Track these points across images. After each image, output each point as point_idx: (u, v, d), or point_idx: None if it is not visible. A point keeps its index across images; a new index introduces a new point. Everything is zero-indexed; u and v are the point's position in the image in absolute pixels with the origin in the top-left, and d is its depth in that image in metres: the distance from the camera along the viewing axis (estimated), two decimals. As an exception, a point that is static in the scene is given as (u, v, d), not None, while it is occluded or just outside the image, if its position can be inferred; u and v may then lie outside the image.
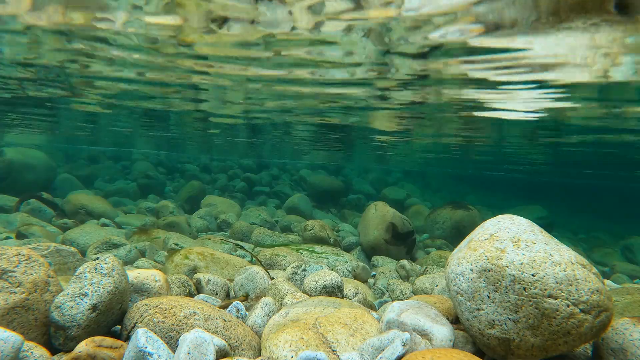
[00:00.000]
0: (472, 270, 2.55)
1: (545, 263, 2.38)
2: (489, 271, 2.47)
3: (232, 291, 4.23)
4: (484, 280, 2.48)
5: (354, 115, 9.05)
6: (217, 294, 4.01)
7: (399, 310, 2.75)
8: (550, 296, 2.30)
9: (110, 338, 2.45)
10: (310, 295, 3.78)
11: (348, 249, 7.94)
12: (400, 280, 5.65)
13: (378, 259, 7.00)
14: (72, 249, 4.76)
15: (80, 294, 2.63)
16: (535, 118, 7.35)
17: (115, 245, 5.96)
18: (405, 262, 6.18)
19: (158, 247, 6.68)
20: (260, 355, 2.81)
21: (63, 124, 13.89)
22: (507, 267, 2.42)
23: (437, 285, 4.55)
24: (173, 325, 2.65)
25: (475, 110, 7.27)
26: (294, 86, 6.52)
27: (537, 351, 2.36)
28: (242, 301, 3.88)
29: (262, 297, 3.74)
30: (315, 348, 2.56)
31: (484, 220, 2.92)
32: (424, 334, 2.61)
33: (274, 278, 4.32)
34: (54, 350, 2.59)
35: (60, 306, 2.59)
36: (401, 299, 4.27)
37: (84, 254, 5.99)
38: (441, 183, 30.42)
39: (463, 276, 2.59)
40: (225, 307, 3.51)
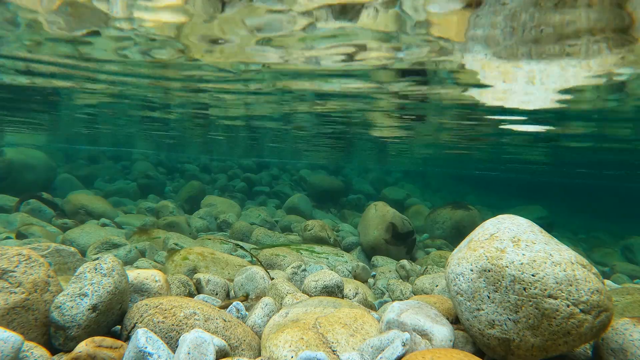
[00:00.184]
0: (472, 271, 2.55)
1: (545, 263, 2.38)
2: (489, 271, 2.47)
3: (232, 291, 4.24)
4: (484, 281, 2.48)
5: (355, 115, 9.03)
6: (217, 294, 4.01)
7: (399, 311, 2.75)
8: (550, 296, 2.30)
9: (110, 338, 2.45)
10: (310, 296, 3.78)
11: (348, 249, 7.94)
12: (400, 280, 5.65)
13: (378, 259, 7.00)
14: (72, 249, 4.76)
15: (80, 294, 2.63)
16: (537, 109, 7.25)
17: (115, 245, 5.97)
18: (405, 262, 6.18)
19: (158, 247, 6.68)
20: (260, 355, 2.82)
21: (63, 122, 13.86)
22: (507, 267, 2.42)
23: (437, 285, 4.55)
24: (173, 325, 2.65)
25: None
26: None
27: (537, 351, 2.36)
28: (242, 301, 3.88)
29: (262, 297, 3.74)
30: (315, 348, 2.56)
31: (484, 221, 2.92)
32: (424, 334, 2.62)
33: (274, 278, 4.32)
34: (54, 351, 2.59)
35: (60, 306, 2.59)
36: (401, 299, 4.27)
37: (84, 254, 5.99)
38: (441, 183, 30.42)
39: (463, 276, 2.59)
40: (225, 307, 3.51)
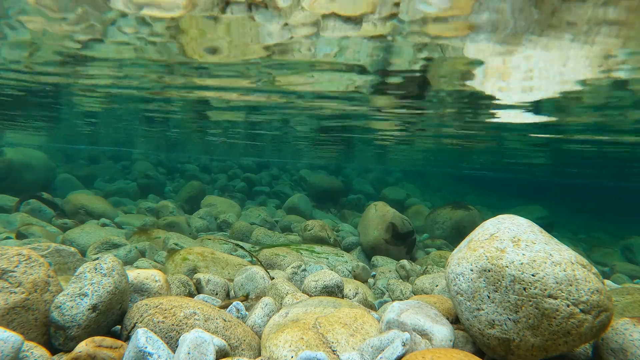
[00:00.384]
0: (472, 270, 2.55)
1: (545, 263, 2.38)
2: (489, 271, 2.47)
3: (232, 291, 4.24)
4: (484, 280, 2.48)
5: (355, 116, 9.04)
6: (217, 294, 4.01)
7: (399, 310, 2.75)
8: (550, 296, 2.30)
9: (110, 338, 2.45)
10: (310, 295, 3.78)
11: (348, 249, 7.94)
12: (400, 280, 5.65)
13: (378, 259, 7.00)
14: (72, 249, 4.76)
15: (80, 294, 2.63)
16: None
17: (115, 245, 5.97)
18: (405, 262, 6.18)
19: (158, 247, 6.68)
20: (260, 355, 2.82)
21: (63, 122, 13.88)
22: (507, 267, 2.42)
23: (437, 285, 4.55)
24: (173, 325, 2.65)
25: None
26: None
27: (537, 351, 2.36)
28: (242, 301, 3.88)
29: (262, 297, 3.74)
30: (315, 348, 2.56)
31: (484, 220, 2.92)
32: (424, 334, 2.62)
33: (274, 278, 4.32)
34: (54, 350, 2.59)
35: (60, 306, 2.59)
36: (401, 299, 4.27)
37: (84, 254, 5.99)
38: (441, 183, 30.42)
39: (463, 276, 2.59)
40: (225, 307, 3.51)
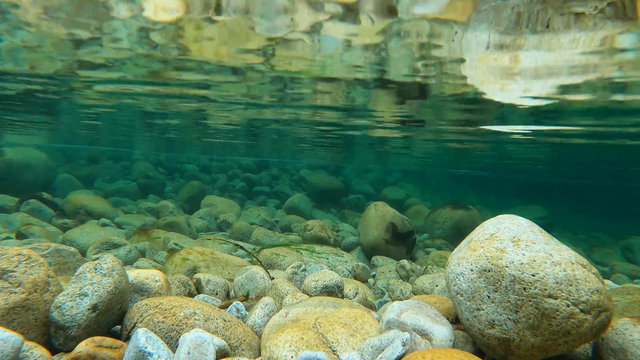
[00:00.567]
0: (472, 270, 2.55)
1: (545, 263, 2.38)
2: (489, 271, 2.47)
3: (232, 291, 4.23)
4: (484, 280, 2.48)
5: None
6: (217, 294, 4.01)
7: (399, 310, 2.75)
8: (550, 296, 2.30)
9: (110, 338, 2.45)
10: (310, 295, 3.78)
11: (348, 249, 7.94)
12: (400, 280, 5.65)
13: (378, 259, 7.00)
14: (72, 249, 4.76)
15: (80, 294, 2.63)
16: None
17: (115, 245, 5.96)
18: (405, 262, 6.18)
19: (158, 247, 6.68)
20: (260, 355, 2.81)
21: (64, 122, 13.90)
22: (507, 267, 2.42)
23: (437, 285, 4.55)
24: (173, 325, 2.65)
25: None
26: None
27: (537, 351, 2.36)
28: (242, 301, 3.88)
29: (262, 297, 3.74)
30: (315, 348, 2.56)
31: (484, 220, 2.92)
32: (424, 334, 2.61)
33: (274, 278, 4.32)
34: (54, 350, 2.59)
35: (60, 306, 2.59)
36: (401, 299, 4.27)
37: (84, 254, 5.99)
38: (441, 183, 30.41)
39: (463, 276, 2.59)
40: (225, 307, 3.51)
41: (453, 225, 9.74)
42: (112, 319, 2.79)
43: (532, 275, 2.35)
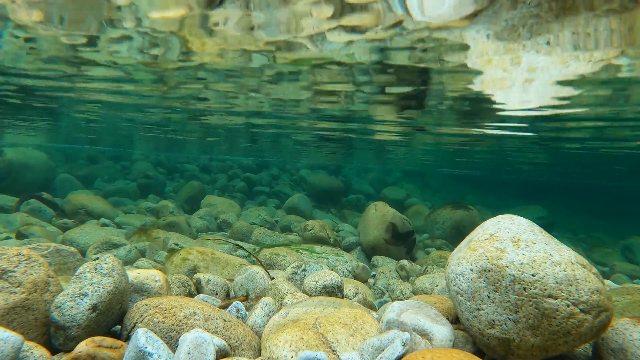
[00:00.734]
0: (472, 270, 2.55)
1: (545, 263, 2.38)
2: (489, 271, 2.47)
3: (232, 291, 4.23)
4: (484, 280, 2.48)
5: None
6: (217, 294, 4.01)
7: (399, 310, 2.75)
8: (550, 296, 2.30)
9: (110, 338, 2.45)
10: (310, 296, 3.78)
11: (348, 249, 7.94)
12: (400, 280, 5.65)
13: (378, 259, 7.00)
14: (72, 249, 4.76)
15: (80, 294, 2.63)
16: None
17: (115, 245, 5.96)
18: (405, 262, 6.18)
19: (158, 247, 6.68)
20: (260, 355, 2.82)
21: (64, 123, 13.91)
22: (507, 267, 2.42)
23: (437, 285, 4.55)
24: (173, 325, 2.65)
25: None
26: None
27: (537, 351, 2.36)
28: (242, 301, 3.88)
29: (262, 297, 3.74)
30: (315, 348, 2.56)
31: (484, 220, 2.92)
32: (424, 334, 2.61)
33: (274, 278, 4.32)
34: (54, 350, 2.59)
35: (60, 306, 2.59)
36: (401, 299, 4.27)
37: (84, 254, 5.99)
38: (441, 183, 30.41)
39: (463, 276, 2.59)
40: (225, 307, 3.51)
41: (453, 225, 9.74)
42: (112, 319, 2.79)
43: (532, 275, 2.35)
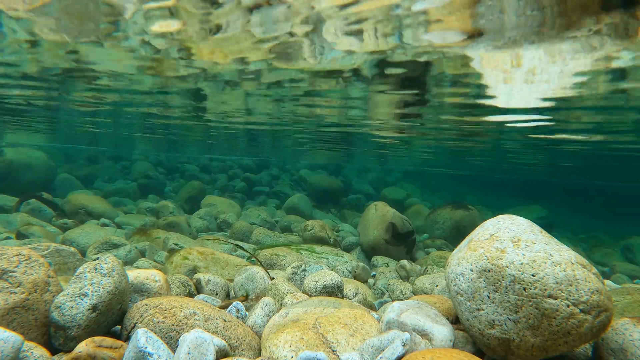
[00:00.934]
0: (472, 271, 2.55)
1: (545, 263, 2.38)
2: (489, 271, 2.47)
3: (232, 291, 4.23)
4: (484, 281, 2.48)
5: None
6: (217, 294, 4.01)
7: (399, 311, 2.75)
8: (550, 296, 2.30)
9: (110, 338, 2.45)
10: (310, 296, 3.78)
11: (348, 249, 7.94)
12: (400, 280, 5.65)
13: (378, 259, 7.00)
14: (72, 249, 4.76)
15: (80, 294, 2.63)
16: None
17: (115, 246, 5.96)
18: (405, 262, 6.18)
19: (158, 247, 6.68)
20: (260, 355, 2.82)
21: (63, 123, 13.91)
22: (507, 267, 2.42)
23: (437, 286, 4.55)
24: (173, 325, 2.65)
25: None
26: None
27: (537, 351, 2.36)
28: (242, 301, 3.88)
29: (262, 297, 3.74)
30: (315, 348, 2.56)
31: (484, 221, 2.92)
32: (424, 334, 2.61)
33: (274, 278, 4.32)
34: (54, 351, 2.59)
35: (60, 306, 2.59)
36: (401, 299, 4.27)
37: (84, 254, 5.99)
38: (440, 183, 30.41)
39: (463, 276, 2.59)
40: (225, 307, 3.51)
41: (453, 225, 9.74)
42: (112, 319, 2.79)
43: (532, 275, 2.35)
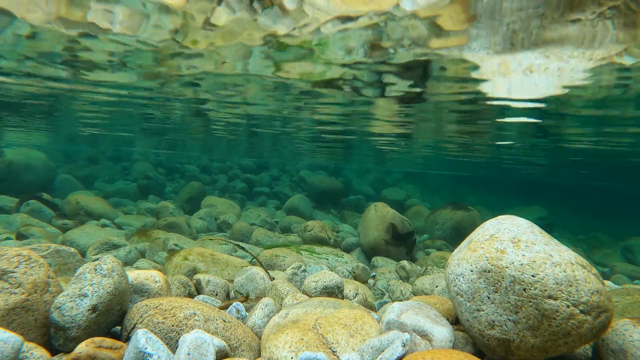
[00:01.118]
0: (472, 271, 2.55)
1: (545, 264, 2.38)
2: (489, 272, 2.47)
3: (232, 292, 4.23)
4: (484, 281, 2.48)
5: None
6: (217, 294, 4.01)
7: (399, 311, 2.75)
8: (550, 297, 2.30)
9: (110, 339, 2.45)
10: (310, 296, 3.78)
11: (348, 249, 7.94)
12: (400, 281, 5.65)
13: (378, 260, 7.00)
14: (72, 249, 4.76)
15: (80, 294, 2.63)
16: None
17: (115, 246, 5.96)
18: (405, 262, 6.18)
19: (158, 247, 6.68)
20: (260, 356, 2.81)
21: (64, 122, 13.90)
22: (507, 267, 2.42)
23: (437, 286, 4.55)
24: (173, 326, 2.65)
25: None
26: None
27: (537, 352, 2.36)
28: (242, 302, 3.88)
29: (262, 297, 3.74)
30: (315, 349, 2.56)
31: (484, 221, 2.92)
32: (424, 335, 2.61)
33: (274, 279, 4.32)
34: (53, 351, 2.59)
35: (60, 307, 2.59)
36: (401, 300, 4.27)
37: (84, 254, 5.99)
38: (440, 183, 30.42)
39: (463, 277, 2.59)
40: (225, 307, 3.51)
41: (453, 226, 9.74)
42: (112, 319, 2.79)
43: (532, 276, 2.35)
